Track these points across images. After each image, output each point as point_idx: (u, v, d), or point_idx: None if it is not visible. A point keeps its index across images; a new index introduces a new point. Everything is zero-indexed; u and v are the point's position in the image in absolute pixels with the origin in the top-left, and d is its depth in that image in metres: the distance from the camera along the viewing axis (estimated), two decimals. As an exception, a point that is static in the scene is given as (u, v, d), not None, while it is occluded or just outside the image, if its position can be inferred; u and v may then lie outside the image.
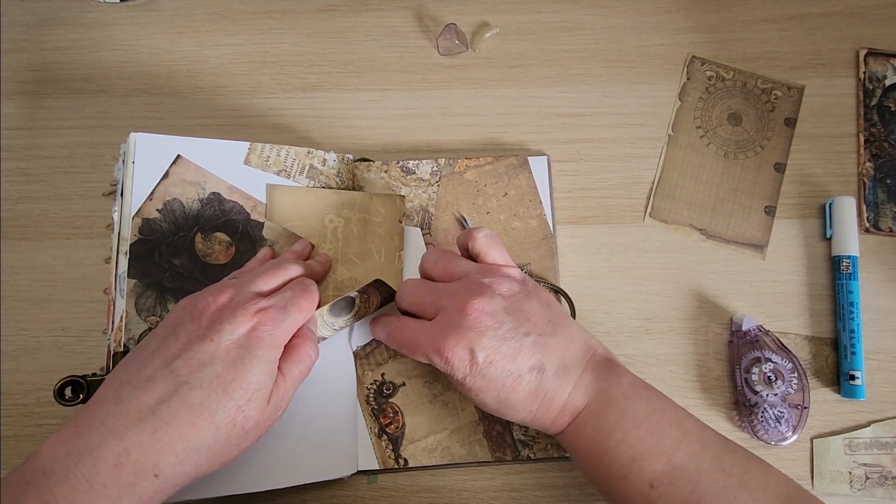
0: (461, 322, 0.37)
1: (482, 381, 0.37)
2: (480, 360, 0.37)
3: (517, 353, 0.37)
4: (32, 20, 0.54)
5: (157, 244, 0.43)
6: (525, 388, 0.37)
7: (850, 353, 0.48)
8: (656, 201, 0.52)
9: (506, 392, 0.37)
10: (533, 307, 0.39)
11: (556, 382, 0.38)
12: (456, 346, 0.37)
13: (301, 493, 0.45)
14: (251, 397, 0.34)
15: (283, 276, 0.40)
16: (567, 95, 0.54)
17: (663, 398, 0.39)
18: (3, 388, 0.47)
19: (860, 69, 0.54)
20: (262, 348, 0.35)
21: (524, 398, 0.38)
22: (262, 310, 0.36)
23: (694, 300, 0.50)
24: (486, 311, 0.37)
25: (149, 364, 0.34)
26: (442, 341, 0.37)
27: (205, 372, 0.34)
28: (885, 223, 0.52)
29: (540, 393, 0.38)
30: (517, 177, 0.51)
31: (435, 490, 0.46)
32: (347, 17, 0.56)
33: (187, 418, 0.33)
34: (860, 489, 0.47)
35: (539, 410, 0.38)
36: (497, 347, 0.37)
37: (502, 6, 0.56)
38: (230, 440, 0.34)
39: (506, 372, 0.37)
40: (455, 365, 0.37)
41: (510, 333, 0.37)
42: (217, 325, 0.35)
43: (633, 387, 0.38)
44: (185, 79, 0.54)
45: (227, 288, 0.37)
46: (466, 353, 0.37)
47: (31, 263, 0.49)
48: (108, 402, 0.33)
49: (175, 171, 0.44)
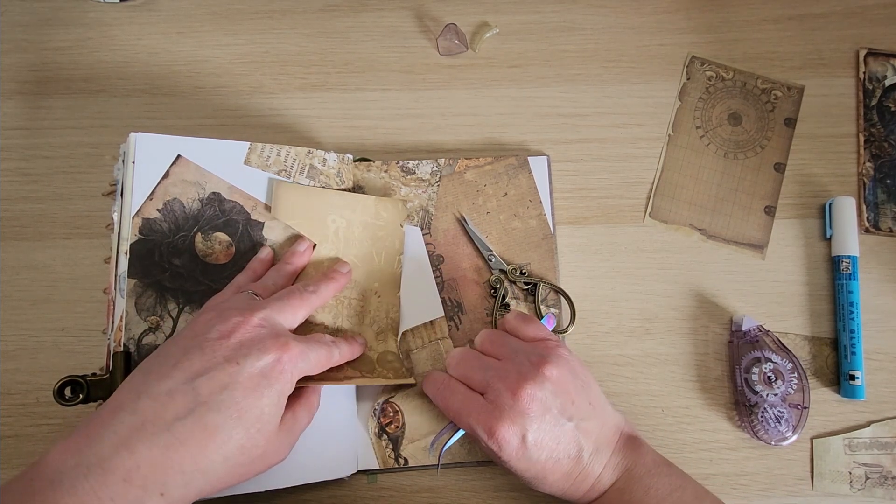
0: (514, 406, 0.39)
1: (525, 463, 0.39)
2: (529, 444, 0.39)
3: (560, 438, 0.39)
4: (32, 20, 0.54)
5: (157, 244, 0.43)
6: (562, 470, 0.40)
7: (850, 353, 0.48)
8: (656, 201, 0.52)
9: (544, 472, 0.40)
10: (577, 389, 0.41)
11: (590, 464, 0.40)
12: (509, 429, 0.39)
13: (301, 493, 0.45)
14: (262, 427, 0.35)
15: (309, 308, 0.41)
16: (567, 95, 0.54)
17: (683, 475, 0.41)
18: (3, 388, 0.47)
19: (860, 69, 0.54)
20: (281, 382, 0.36)
21: (559, 478, 0.40)
22: (289, 344, 0.36)
23: (694, 300, 0.50)
24: (536, 397, 0.39)
25: (169, 377, 0.34)
26: (495, 422, 0.39)
27: (224, 395, 0.34)
28: (885, 223, 0.52)
29: (574, 474, 0.40)
30: (517, 177, 0.51)
31: (435, 490, 0.46)
32: (347, 17, 0.56)
33: (200, 439, 0.33)
34: (860, 489, 0.47)
35: (570, 488, 0.40)
36: (545, 431, 0.39)
37: (502, 6, 0.56)
38: (235, 467, 0.34)
39: (548, 455, 0.39)
40: (503, 447, 0.39)
41: (557, 419, 0.40)
42: (245, 349, 0.35)
43: (655, 464, 0.41)
44: (185, 79, 0.54)
45: (257, 310, 0.37)
46: (518, 438, 0.39)
47: (31, 263, 0.49)
48: (123, 412, 0.33)
49: (175, 170, 0.44)
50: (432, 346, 0.48)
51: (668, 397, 0.49)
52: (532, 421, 0.39)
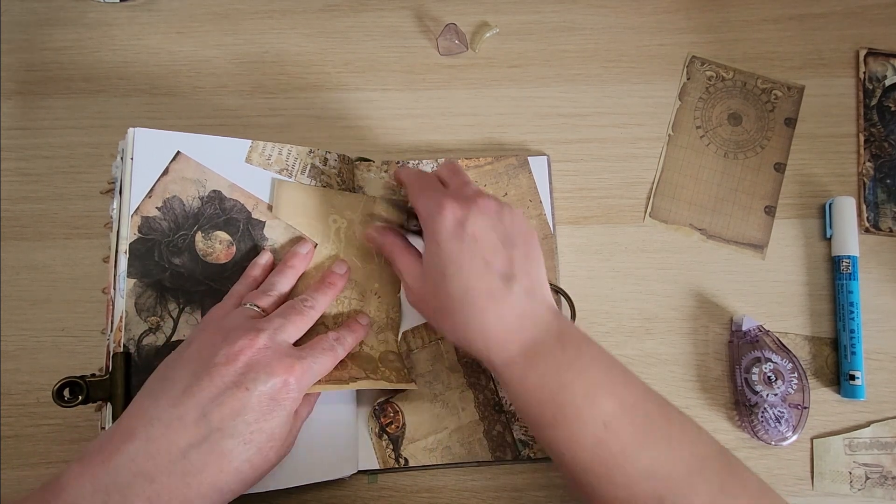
0: (469, 199, 0.40)
1: (456, 249, 0.38)
2: (467, 231, 0.38)
3: (496, 251, 0.39)
4: (32, 20, 0.54)
5: (157, 243, 0.43)
6: (490, 285, 0.38)
7: (850, 353, 0.48)
8: (656, 201, 0.52)
9: (473, 279, 0.38)
10: (525, 245, 0.41)
11: (521, 299, 0.38)
12: (457, 209, 0.39)
13: (301, 493, 0.45)
14: (273, 444, 0.36)
15: (310, 321, 0.41)
16: (567, 95, 0.54)
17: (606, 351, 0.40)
18: (3, 388, 0.47)
19: (860, 69, 0.54)
20: (288, 401, 0.36)
21: (486, 295, 0.38)
22: (294, 363, 0.37)
23: (694, 300, 0.50)
24: (491, 207, 0.40)
25: (181, 403, 0.34)
26: (448, 200, 0.39)
27: (237, 421, 0.34)
28: (885, 223, 0.52)
29: (502, 298, 0.38)
30: (517, 177, 0.51)
31: (435, 490, 0.46)
32: (347, 17, 0.56)
33: (216, 465, 0.34)
34: (860, 489, 0.47)
35: (495, 318, 0.38)
36: (485, 233, 0.39)
37: (502, 6, 0.56)
38: (246, 481, 0.36)
39: (480, 256, 0.38)
40: (443, 221, 0.39)
41: (500, 239, 0.39)
42: (253, 373, 0.35)
43: (584, 335, 0.40)
44: (185, 79, 0.54)
45: (261, 331, 0.37)
46: (459, 218, 0.39)
47: (31, 263, 0.49)
48: (137, 439, 0.33)
49: (175, 167, 0.43)
50: (432, 346, 0.48)
51: (669, 397, 0.48)
52: (479, 216, 0.39)
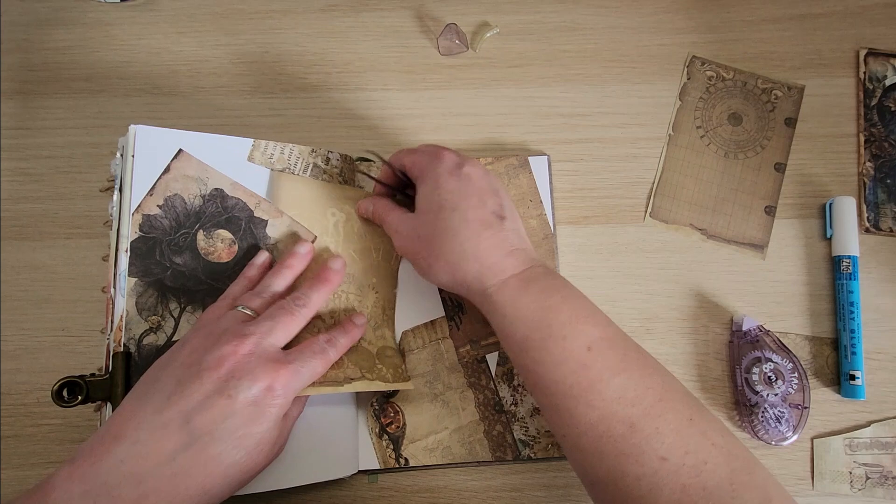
0: (462, 156, 0.44)
1: (455, 185, 0.41)
2: (463, 172, 0.42)
3: (489, 194, 0.42)
4: (32, 20, 0.54)
5: (158, 241, 0.42)
6: (482, 216, 0.41)
7: (851, 353, 0.48)
8: (656, 201, 0.52)
9: (470, 211, 0.41)
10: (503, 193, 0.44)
11: (512, 235, 0.41)
12: (455, 155, 0.43)
13: (301, 493, 0.45)
14: (261, 448, 0.36)
15: (302, 322, 0.40)
16: (567, 95, 0.54)
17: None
18: (3, 388, 0.47)
19: (860, 69, 0.54)
20: (274, 407, 0.36)
21: (483, 225, 0.41)
22: (280, 369, 0.37)
23: (694, 300, 0.50)
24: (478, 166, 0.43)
25: (166, 409, 0.34)
26: (445, 150, 0.44)
27: (222, 427, 0.34)
28: (885, 223, 0.52)
29: (496, 230, 0.41)
30: (517, 177, 0.51)
31: (435, 490, 0.46)
32: (347, 17, 0.56)
33: (203, 468, 0.34)
34: (860, 489, 0.47)
35: (491, 245, 0.40)
36: (480, 178, 0.42)
37: (502, 6, 0.56)
38: (234, 483, 0.36)
39: (476, 194, 0.41)
40: (443, 160, 0.42)
41: (491, 188, 0.42)
42: (235, 379, 0.35)
43: (566, 280, 0.42)
44: (185, 79, 0.54)
45: (248, 335, 0.37)
46: (456, 161, 0.43)
47: (31, 263, 0.49)
48: (126, 440, 0.33)
49: (176, 165, 0.43)
50: (432, 346, 0.48)
51: (669, 397, 0.49)
52: (473, 164, 0.43)
